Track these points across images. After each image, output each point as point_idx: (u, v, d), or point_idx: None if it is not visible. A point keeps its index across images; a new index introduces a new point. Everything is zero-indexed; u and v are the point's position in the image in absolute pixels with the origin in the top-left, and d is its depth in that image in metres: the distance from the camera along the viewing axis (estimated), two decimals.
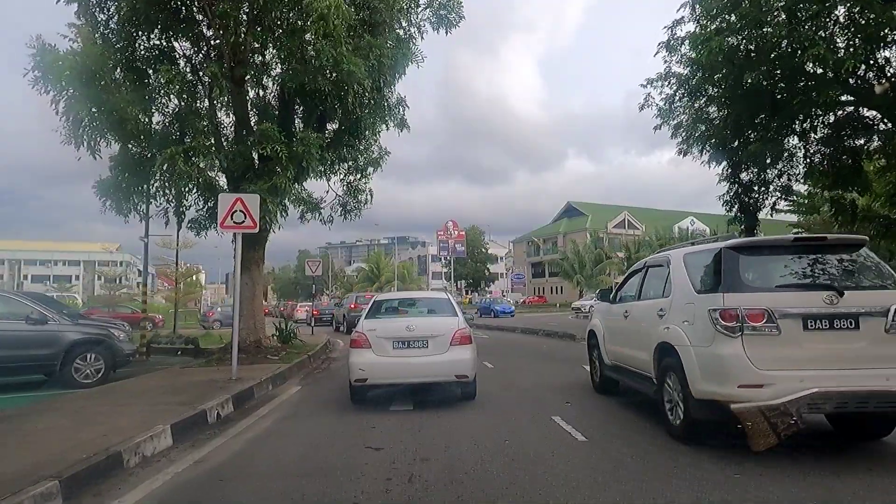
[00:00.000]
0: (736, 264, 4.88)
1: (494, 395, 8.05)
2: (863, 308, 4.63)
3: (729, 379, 4.60)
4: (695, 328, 5.00)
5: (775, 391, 4.40)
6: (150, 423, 5.59)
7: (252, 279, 11.90)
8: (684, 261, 5.70)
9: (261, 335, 11.91)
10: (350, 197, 14.01)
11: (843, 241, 5.62)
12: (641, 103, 20.46)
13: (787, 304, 4.64)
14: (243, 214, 8.83)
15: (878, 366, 4.53)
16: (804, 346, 4.59)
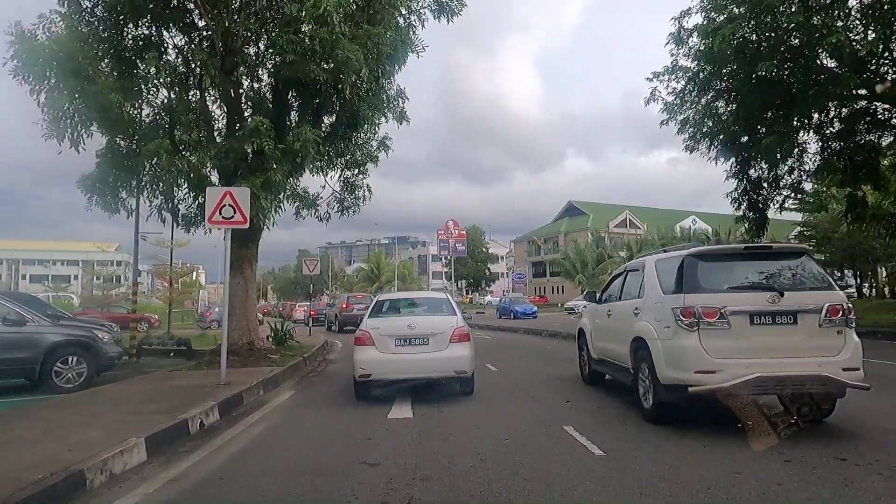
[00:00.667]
0: (695, 269, 5.72)
1: (499, 401, 7.55)
2: (800, 306, 5.38)
3: (688, 366, 5.41)
4: (662, 324, 5.80)
5: (725, 376, 5.21)
6: (124, 434, 5.09)
7: (245, 278, 11.39)
8: (655, 266, 6.47)
9: (254, 337, 11.40)
10: (347, 193, 13.50)
11: (787, 249, 6.75)
12: (647, 97, 19.99)
13: (737, 302, 5.42)
14: (233, 209, 8.32)
15: (812, 355, 5.31)
16: (751, 338, 5.37)
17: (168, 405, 6.60)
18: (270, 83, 12.03)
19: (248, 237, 11.38)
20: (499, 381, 9.53)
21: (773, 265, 5.85)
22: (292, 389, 8.98)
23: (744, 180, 19.38)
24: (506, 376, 9.93)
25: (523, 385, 8.90)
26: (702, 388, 5.27)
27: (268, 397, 8.22)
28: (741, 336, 5.36)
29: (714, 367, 5.29)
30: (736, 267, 5.96)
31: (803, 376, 5.23)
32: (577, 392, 8.06)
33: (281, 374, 9.77)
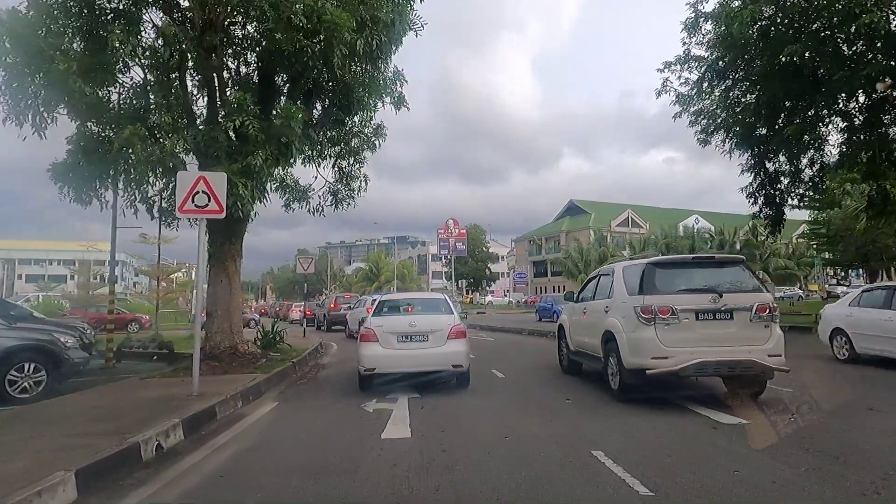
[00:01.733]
0: (653, 275, 6.90)
1: (511, 416, 6.56)
2: (736, 305, 6.58)
3: (646, 354, 6.58)
4: (626, 319, 6.95)
5: (675, 361, 6.42)
6: (53, 465, 4.10)
7: (228, 276, 10.39)
8: (623, 272, 7.62)
9: (238, 340, 10.40)
10: (342, 184, 12.50)
11: (727, 259, 8.47)
12: (658, 89, 19.01)
13: (685, 302, 6.60)
14: (207, 196, 7.33)
15: (744, 344, 6.51)
16: (696, 331, 6.55)
17: (123, 423, 5.61)
18: (257, 64, 11.03)
19: (231, 231, 10.40)
20: (508, 389, 8.54)
21: (715, 272, 7.26)
22: (276, 400, 7.98)
23: (760, 174, 18.39)
24: (515, 385, 8.93)
25: (535, 395, 7.91)
26: (657, 370, 6.54)
27: (246, 410, 7.22)
28: (688, 329, 6.57)
29: (667, 354, 6.51)
30: (686, 273, 7.31)
31: (737, 361, 6.51)
32: (601, 406, 7.06)
33: (265, 382, 8.78)
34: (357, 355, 8.51)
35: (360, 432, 5.86)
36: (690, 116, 19.40)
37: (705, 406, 6.52)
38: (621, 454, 4.69)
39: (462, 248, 68.00)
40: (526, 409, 7.03)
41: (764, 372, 6.66)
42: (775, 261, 63.68)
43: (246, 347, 10.53)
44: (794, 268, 64.55)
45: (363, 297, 23.51)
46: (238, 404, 7.34)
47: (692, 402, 6.80)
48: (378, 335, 8.19)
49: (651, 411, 6.39)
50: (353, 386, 9.25)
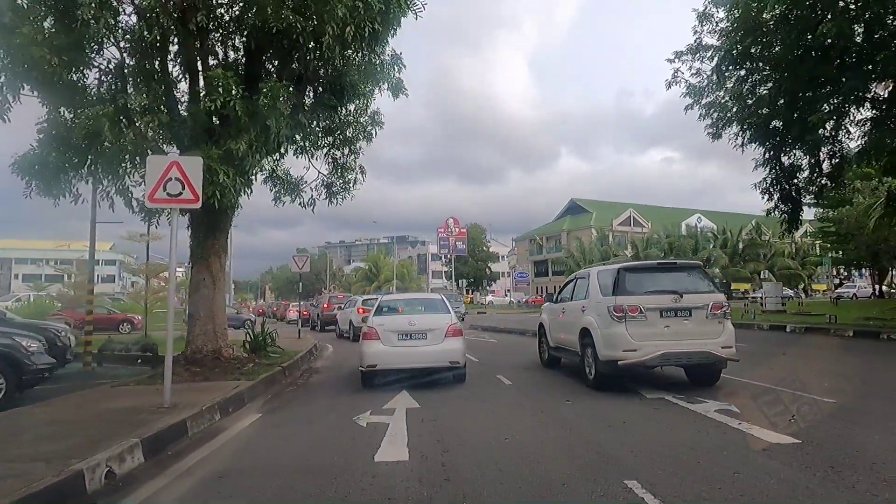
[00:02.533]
0: (624, 278, 7.81)
1: (523, 432, 5.75)
2: (694, 304, 7.55)
3: (618, 347, 7.45)
4: (601, 317, 7.78)
5: (642, 353, 7.36)
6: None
7: (211, 274, 9.58)
8: (597, 275, 8.50)
9: (221, 344, 9.58)
10: (336, 176, 11.69)
11: (687, 264, 9.28)
12: (669, 80, 18.25)
13: (651, 302, 7.52)
14: (181, 184, 6.52)
15: (701, 338, 7.48)
16: (660, 327, 7.48)
17: (73, 443, 4.82)
18: (244, 44, 10.21)
19: (214, 224, 9.60)
20: (517, 399, 7.74)
21: (677, 276, 8.14)
22: (259, 412, 7.18)
23: (775, 169, 17.60)
24: (525, 394, 8.13)
25: (550, 406, 7.10)
26: (627, 361, 7.37)
27: (223, 424, 6.42)
28: (653, 325, 7.46)
29: (635, 346, 7.34)
30: (652, 277, 8.21)
31: (694, 352, 7.45)
32: (627, 425, 6.26)
33: (249, 390, 7.99)
34: (359, 353, 8.87)
35: (351, 453, 5.06)
36: (701, 109, 18.65)
37: (735, 418, 5.75)
38: (651, 476, 3.89)
39: (462, 248, 67.24)
40: (542, 423, 6.22)
41: (718, 362, 7.67)
42: (780, 260, 62.97)
43: (231, 352, 9.72)
44: (799, 267, 63.87)
45: (354, 297, 22.99)
46: (215, 417, 6.55)
47: (729, 416, 6.02)
48: (379, 333, 8.52)
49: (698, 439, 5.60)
50: (346, 394, 8.48)
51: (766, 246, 64.38)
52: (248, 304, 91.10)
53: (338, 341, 20.14)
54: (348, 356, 14.80)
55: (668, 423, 5.91)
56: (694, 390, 7.63)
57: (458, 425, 6.11)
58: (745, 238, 64.79)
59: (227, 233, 9.94)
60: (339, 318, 22.09)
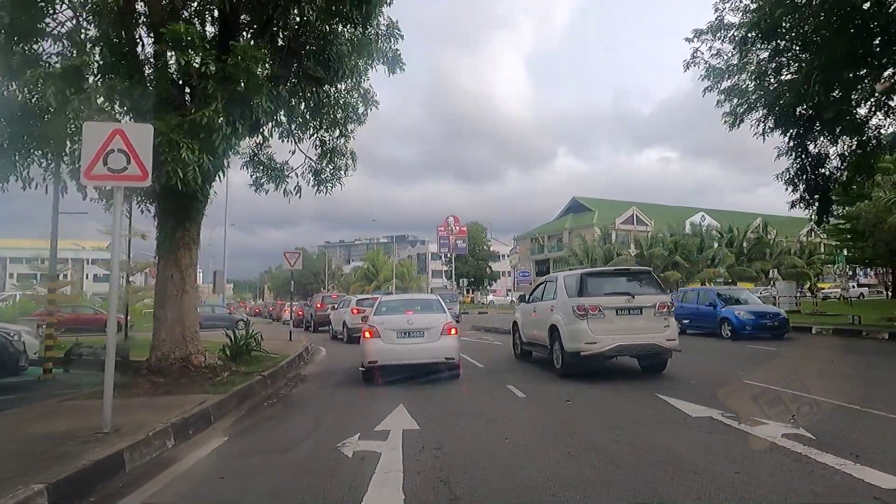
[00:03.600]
0: (586, 282, 9.23)
1: (547, 464, 4.52)
2: (643, 304, 8.87)
3: (581, 340, 8.71)
4: (566, 315, 9.08)
5: (601, 345, 8.57)
6: None
7: (180, 269, 8.36)
8: (564, 279, 9.89)
9: (191, 350, 8.34)
10: (325, 162, 10.47)
11: (639, 270, 11.31)
12: (687, 61, 17.02)
13: (608, 302, 8.81)
14: (125, 157, 5.29)
15: (650, 332, 8.80)
16: (615, 323, 8.78)
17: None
18: (217, 5, 8.95)
19: (183, 213, 8.38)
20: (538, 419, 6.49)
21: (630, 279, 9.58)
22: (226, 434, 5.96)
23: (801, 157, 16.38)
24: (547, 411, 6.90)
25: (581, 431, 5.88)
26: (588, 352, 8.59)
27: (177, 453, 5.20)
28: (610, 322, 8.70)
29: (595, 340, 8.55)
30: (609, 280, 9.54)
31: (644, 344, 8.78)
32: (681, 459, 5.04)
33: (218, 405, 6.77)
34: (360, 351, 9.34)
35: (328, 498, 3.85)
36: (720, 95, 17.46)
37: (818, 448, 4.53)
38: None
39: (463, 247, 65.98)
40: (571, 454, 4.97)
41: (664, 352, 8.89)
42: (787, 259, 61.72)
43: (202, 359, 8.47)
44: (805, 266, 62.61)
45: (347, 297, 21.82)
46: (167, 443, 5.32)
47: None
48: (380, 332, 9.02)
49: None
50: (334, 408, 7.28)
51: (773, 244, 63.19)
52: (246, 303, 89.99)
53: (332, 343, 18.94)
54: (342, 360, 13.60)
55: (732, 456, 4.68)
56: (743, 406, 6.41)
57: (468, 456, 4.88)
58: (752, 237, 63.57)
59: (198, 223, 8.70)
60: (332, 319, 20.93)
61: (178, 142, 6.42)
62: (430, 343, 8.96)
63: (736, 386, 7.76)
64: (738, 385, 7.84)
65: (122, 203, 5.81)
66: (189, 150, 6.49)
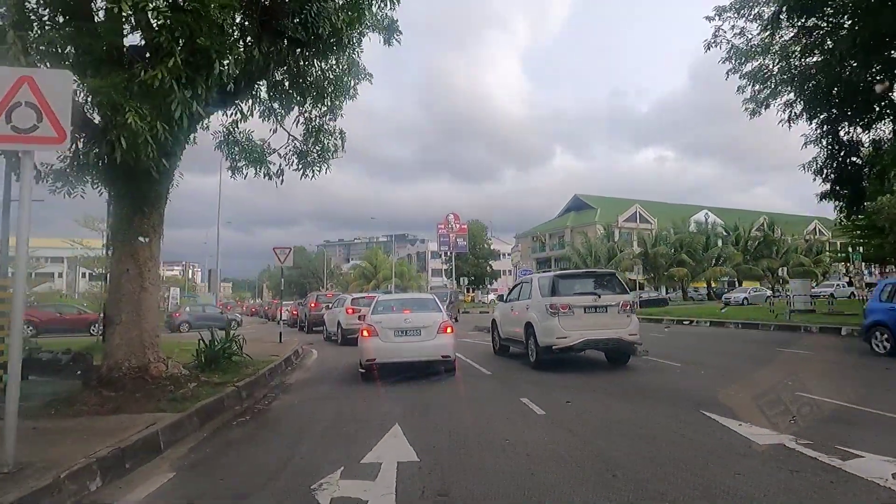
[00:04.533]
0: (558, 283, 10.10)
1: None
2: (609, 302, 9.72)
3: (552, 335, 9.55)
4: (540, 313, 9.90)
5: (570, 340, 9.41)
6: None
7: (137, 263, 7.11)
8: (538, 280, 10.81)
9: (150, 357, 7.10)
10: (312, 142, 9.25)
11: (605, 272, 12.10)
12: (709, 41, 15.79)
13: (577, 301, 9.66)
14: (37, 112, 4.07)
15: (614, 328, 9.61)
16: (583, 320, 9.56)
17: None
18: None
19: (140, 195, 7.12)
20: (565, 443, 5.24)
21: (597, 280, 10.58)
22: (173, 468, 4.72)
23: (832, 144, 15.14)
24: (575, 433, 5.65)
25: (624, 464, 4.64)
26: (559, 346, 9.50)
27: (100, 497, 3.98)
28: (579, 319, 9.58)
29: (565, 335, 9.46)
30: (578, 281, 10.64)
31: (609, 339, 9.62)
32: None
33: (173, 426, 5.55)
34: (359, 349, 9.49)
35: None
36: (742, 79, 16.25)
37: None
38: None
39: (463, 245, 64.68)
40: (614, 488, 3.76)
41: (627, 346, 9.80)
42: (794, 257, 60.53)
43: (164, 368, 7.22)
44: (811, 265, 61.41)
45: (342, 296, 20.55)
46: (90, 485, 4.09)
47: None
48: (378, 330, 9.13)
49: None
50: (316, 430, 6.06)
51: (780, 242, 62.02)
52: (242, 303, 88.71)
53: (325, 345, 17.71)
54: (334, 364, 12.38)
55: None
56: (819, 431, 5.20)
57: (483, 502, 3.67)
58: (758, 235, 62.42)
59: (161, 209, 7.44)
60: (326, 319, 19.70)
61: (122, 105, 5.20)
62: (427, 341, 9.08)
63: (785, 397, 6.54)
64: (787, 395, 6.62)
65: (32, 172, 4.54)
66: (137, 115, 5.25)
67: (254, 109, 9.28)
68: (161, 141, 5.70)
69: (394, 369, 9.11)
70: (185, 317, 28.82)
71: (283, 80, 8.81)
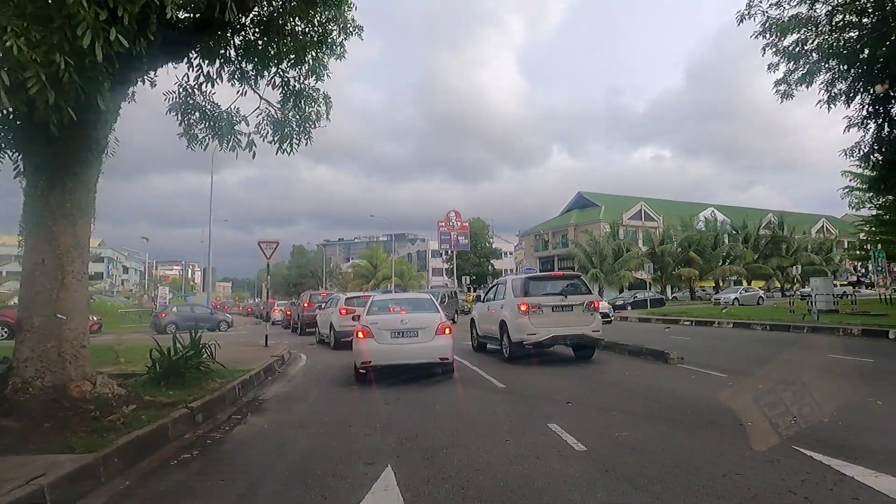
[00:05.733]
0: (528, 284, 11.17)
1: None
2: (574, 302, 10.80)
3: (523, 332, 10.51)
4: (512, 312, 10.78)
5: (539, 336, 10.42)
6: None
7: (57, 252, 5.51)
8: (511, 282, 11.71)
9: (72, 373, 5.47)
10: (293, 110, 7.67)
11: (571, 274, 14.21)
12: (742, 11, 14.23)
13: (546, 301, 10.69)
14: None
15: (579, 325, 10.67)
16: (551, 318, 10.57)
17: None
18: None
19: (61, 165, 5.53)
20: (621, 493, 3.70)
21: (564, 282, 11.63)
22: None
23: (883, 126, 13.56)
24: (639, 488, 4.08)
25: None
26: (530, 342, 10.46)
27: None
28: (547, 317, 10.55)
29: (535, 331, 10.42)
30: (547, 283, 11.76)
31: (574, 335, 10.68)
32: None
33: (77, 474, 3.98)
34: (354, 351, 9.03)
35: None
36: (777, 56, 14.69)
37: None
38: None
39: (465, 242, 63.01)
40: None
41: (591, 342, 11.03)
42: (804, 255, 58.87)
43: (90, 387, 5.61)
44: (822, 263, 59.74)
45: (336, 295, 18.94)
46: None
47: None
48: (373, 332, 8.79)
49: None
50: (282, 472, 4.48)
51: (791, 240, 60.42)
52: (239, 302, 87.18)
53: (316, 349, 16.16)
54: (322, 373, 10.83)
55: None
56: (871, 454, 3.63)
57: None
58: (767, 233, 60.84)
59: (88, 184, 5.81)
60: (318, 320, 18.15)
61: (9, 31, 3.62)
62: (424, 343, 8.79)
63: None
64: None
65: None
66: (23, 39, 3.68)
67: (222, 72, 7.69)
68: (64, 82, 4.11)
69: (390, 372, 8.77)
70: (173, 318, 27.19)
71: (255, 37, 7.23)
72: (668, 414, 6.29)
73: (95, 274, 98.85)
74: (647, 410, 6.49)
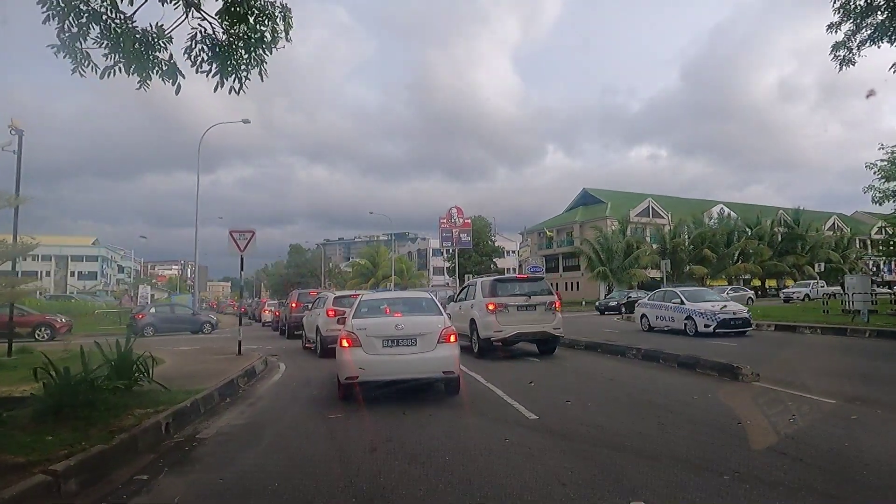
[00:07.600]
0: (496, 285, 12.34)
1: None
2: (538, 302, 11.94)
3: (490, 329, 11.60)
4: (481, 311, 11.93)
5: (505, 333, 11.49)
6: None
7: None
8: (480, 284, 12.81)
9: None
10: (236, 30, 5.37)
11: (535, 276, 17.56)
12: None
13: (512, 301, 11.80)
14: None
15: (541, 322, 11.77)
16: (516, 316, 11.66)
17: None
18: None
19: None
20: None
21: (530, 283, 13.16)
22: None
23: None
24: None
25: None
26: (496, 338, 11.52)
27: None
28: (512, 315, 11.61)
29: (501, 328, 11.48)
30: (513, 284, 12.91)
31: (537, 332, 11.74)
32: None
33: None
34: (337, 362, 7.47)
35: None
36: (837, 14, 12.54)
37: None
38: None
39: (467, 240, 60.53)
40: None
41: (552, 338, 11.98)
42: (822, 253, 56.48)
43: None
44: (840, 261, 57.36)
45: (325, 294, 16.52)
46: None
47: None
48: (361, 339, 7.20)
49: None
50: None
51: (806, 238, 58.06)
52: (234, 302, 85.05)
53: (300, 355, 13.95)
54: (297, 392, 8.52)
55: None
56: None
57: None
58: (782, 230, 58.55)
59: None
60: (304, 323, 15.89)
61: None
62: (424, 353, 7.23)
63: None
64: None
65: None
66: None
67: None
68: None
69: (382, 386, 7.24)
70: (150, 319, 24.83)
71: None
72: (826, 489, 3.97)
73: (89, 273, 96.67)
74: (767, 469, 4.17)
